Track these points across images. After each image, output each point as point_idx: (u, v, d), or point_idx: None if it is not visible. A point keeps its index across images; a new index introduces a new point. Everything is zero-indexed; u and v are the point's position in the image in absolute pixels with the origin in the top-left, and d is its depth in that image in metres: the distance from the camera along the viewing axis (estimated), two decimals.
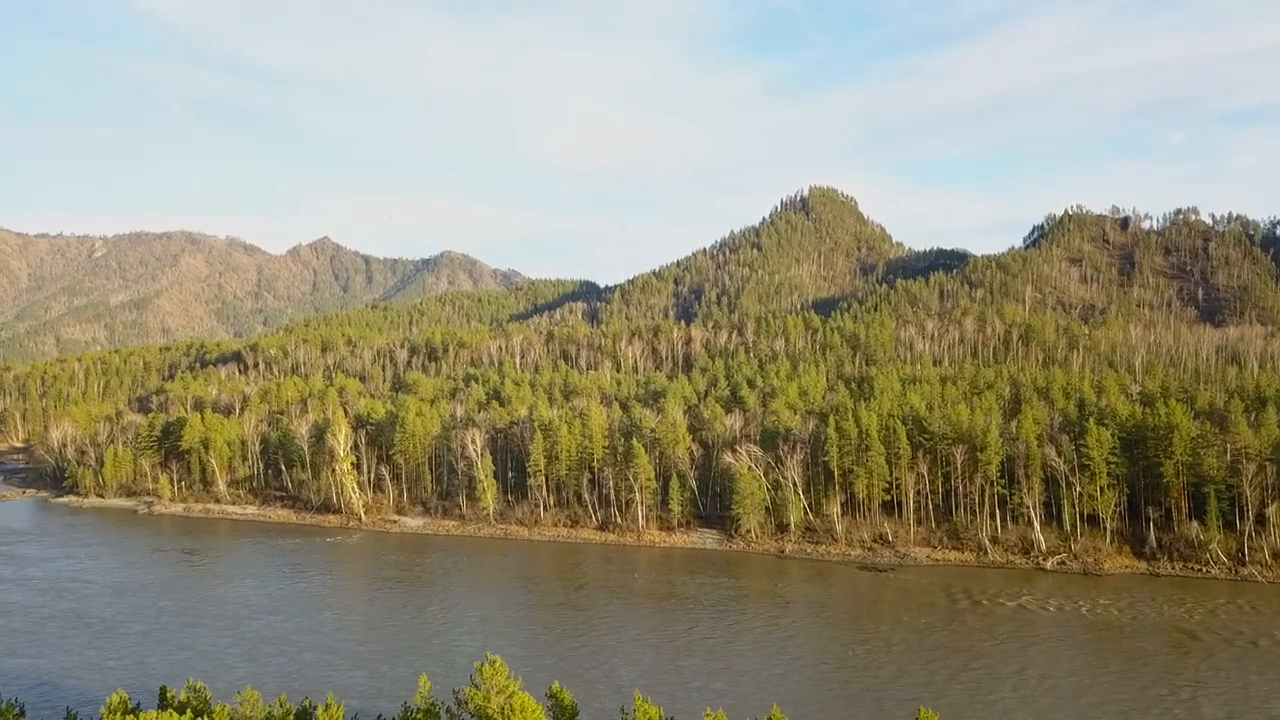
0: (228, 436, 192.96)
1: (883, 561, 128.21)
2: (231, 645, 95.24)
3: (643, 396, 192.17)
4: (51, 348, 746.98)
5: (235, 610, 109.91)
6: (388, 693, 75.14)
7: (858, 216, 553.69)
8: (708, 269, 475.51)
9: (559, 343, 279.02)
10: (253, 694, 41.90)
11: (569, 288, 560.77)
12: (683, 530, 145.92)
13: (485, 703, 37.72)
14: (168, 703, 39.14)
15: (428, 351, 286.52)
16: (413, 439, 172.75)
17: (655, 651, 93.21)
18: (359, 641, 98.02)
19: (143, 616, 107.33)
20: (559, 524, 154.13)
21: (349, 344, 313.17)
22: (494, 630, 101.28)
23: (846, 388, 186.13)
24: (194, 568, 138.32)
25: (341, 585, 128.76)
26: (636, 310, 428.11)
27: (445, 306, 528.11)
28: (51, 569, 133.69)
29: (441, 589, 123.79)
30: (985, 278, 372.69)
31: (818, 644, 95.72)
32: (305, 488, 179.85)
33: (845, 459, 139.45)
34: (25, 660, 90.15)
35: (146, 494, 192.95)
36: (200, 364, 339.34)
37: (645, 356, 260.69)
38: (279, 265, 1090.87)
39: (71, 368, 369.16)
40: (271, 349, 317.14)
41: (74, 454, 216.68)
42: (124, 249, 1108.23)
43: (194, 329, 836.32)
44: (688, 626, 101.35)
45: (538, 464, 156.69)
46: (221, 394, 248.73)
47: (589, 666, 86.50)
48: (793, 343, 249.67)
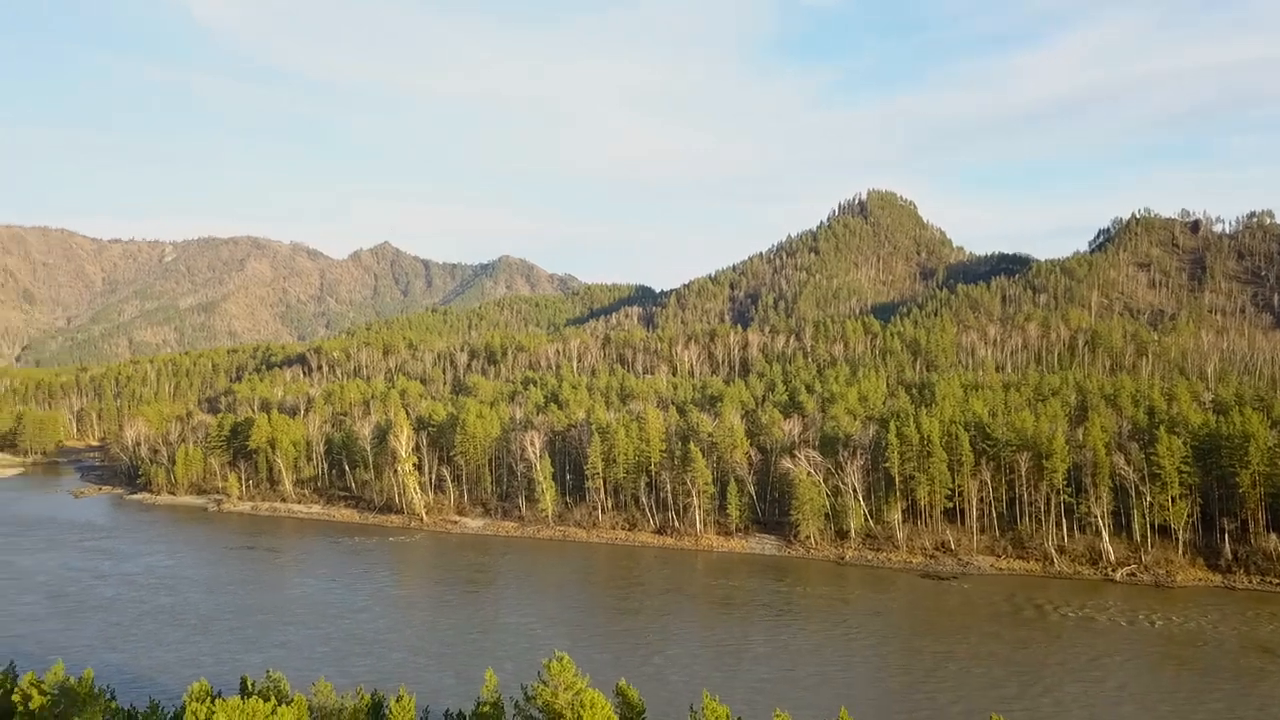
0: (293, 437, 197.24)
1: (945, 570, 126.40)
2: (320, 643, 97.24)
3: (699, 401, 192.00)
4: (124, 349, 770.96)
5: (319, 608, 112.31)
6: (456, 688, 76.28)
7: (917, 220, 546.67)
8: (764, 273, 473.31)
9: (615, 346, 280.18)
10: (326, 685, 42.94)
11: (625, 292, 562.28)
12: (740, 535, 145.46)
13: (553, 699, 38.20)
14: (248, 691, 40.30)
15: (487, 355, 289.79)
16: (473, 441, 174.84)
17: (714, 653, 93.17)
18: (427, 638, 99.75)
19: (233, 613, 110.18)
20: (617, 527, 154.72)
21: (410, 347, 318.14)
22: (556, 629, 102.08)
23: (907, 393, 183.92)
24: (274, 566, 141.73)
25: (409, 584, 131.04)
26: (692, 314, 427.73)
27: (503, 310, 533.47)
28: (144, 564, 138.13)
29: (503, 589, 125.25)
30: (1049, 282, 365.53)
31: (878, 651, 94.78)
32: (368, 488, 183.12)
33: (906, 465, 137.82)
34: (124, 654, 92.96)
35: (216, 492, 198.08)
36: (266, 366, 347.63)
37: (701, 361, 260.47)
38: (341, 270, 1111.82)
39: (144, 369, 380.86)
40: (335, 352, 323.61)
41: (147, 452, 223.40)
42: (193, 254, 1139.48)
43: (259, 332, 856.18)
44: (746, 630, 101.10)
45: (595, 467, 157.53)
46: (287, 395, 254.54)
47: (650, 666, 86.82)
48: (852, 347, 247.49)
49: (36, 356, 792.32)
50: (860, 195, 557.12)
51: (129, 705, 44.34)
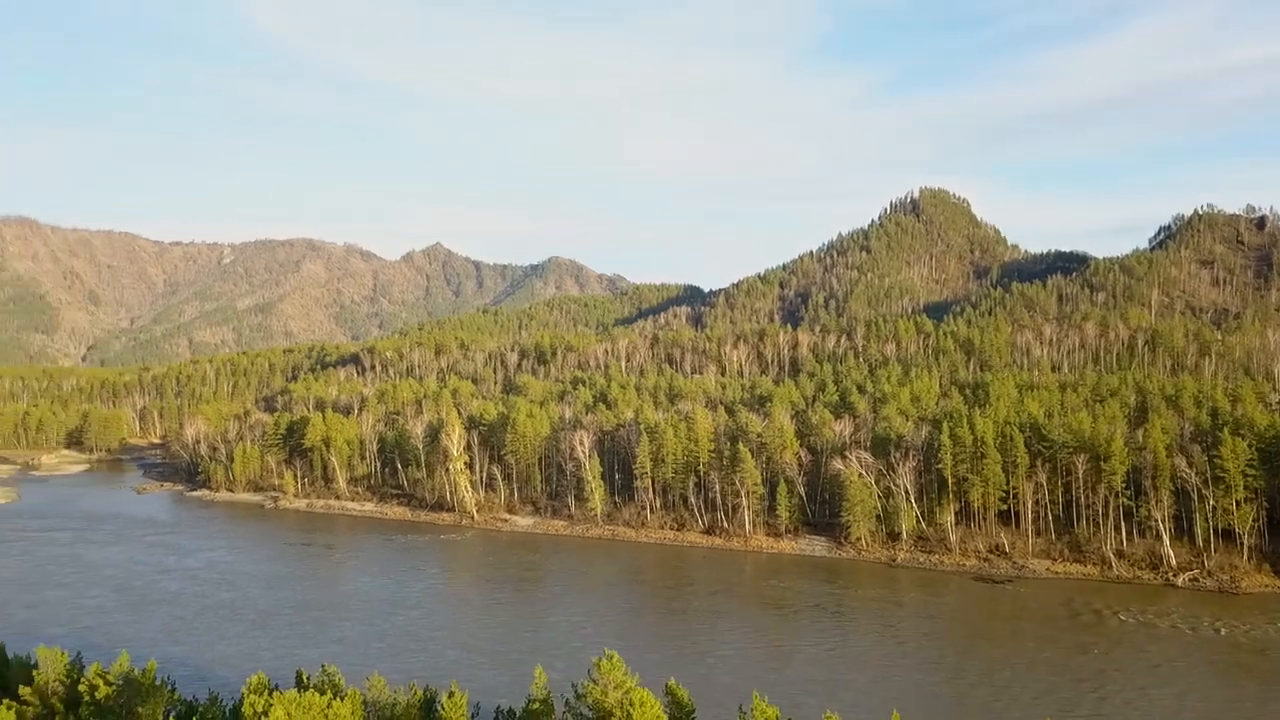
0: (347, 436, 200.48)
1: (999, 573, 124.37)
2: (375, 639, 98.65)
3: (748, 401, 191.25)
4: (185, 349, 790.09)
5: (374, 605, 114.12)
6: (507, 685, 76.93)
7: (970, 218, 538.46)
8: (814, 272, 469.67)
9: (664, 346, 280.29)
10: (379, 679, 43.60)
11: (673, 292, 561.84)
12: (790, 536, 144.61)
13: (603, 697, 38.39)
14: (303, 685, 41.07)
15: (537, 355, 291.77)
16: (523, 440, 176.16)
17: (764, 654, 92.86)
18: (479, 635, 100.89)
19: (291, 608, 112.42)
20: (665, 527, 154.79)
21: (461, 347, 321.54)
22: (605, 628, 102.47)
23: (960, 394, 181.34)
24: (330, 563, 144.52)
25: (461, 581, 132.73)
26: (741, 314, 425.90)
27: (553, 311, 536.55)
28: (205, 559, 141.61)
29: (553, 587, 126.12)
30: (1107, 281, 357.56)
31: (930, 654, 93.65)
32: (420, 486, 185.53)
33: (960, 467, 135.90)
34: (187, 647, 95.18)
35: (272, 489, 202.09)
36: (321, 366, 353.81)
37: (750, 361, 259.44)
38: (394, 271, 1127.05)
39: (203, 368, 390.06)
40: (388, 352, 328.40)
41: (206, 450, 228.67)
42: (250, 256, 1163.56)
43: (314, 332, 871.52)
44: (796, 632, 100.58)
45: (644, 466, 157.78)
46: (341, 395, 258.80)
47: (699, 666, 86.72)
48: (904, 347, 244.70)
49: (101, 356, 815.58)
50: (912, 193, 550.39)
51: (190, 697, 45.49)
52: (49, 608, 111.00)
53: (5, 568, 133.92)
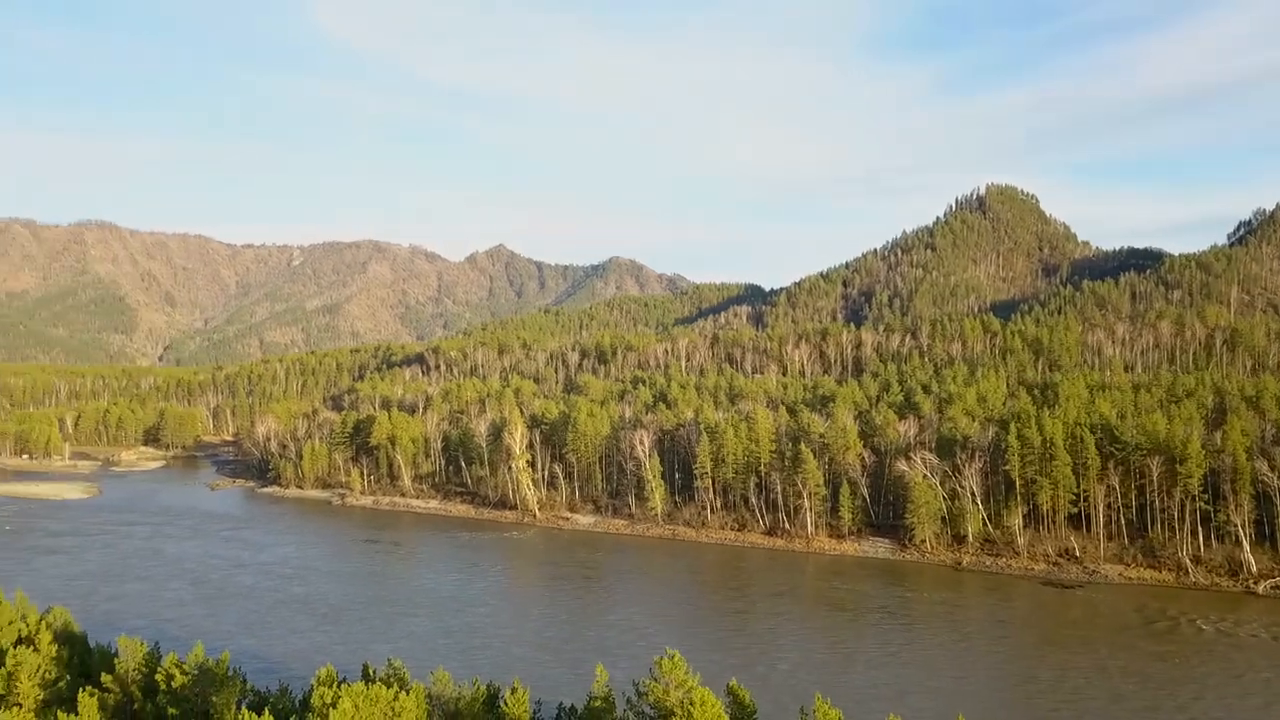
0: (412, 434, 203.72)
1: (1069, 578, 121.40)
2: (442, 635, 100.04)
3: (810, 401, 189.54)
4: (256, 349, 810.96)
5: (440, 601, 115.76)
6: (569, 682, 77.45)
7: (1039, 215, 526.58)
8: (878, 270, 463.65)
9: (724, 346, 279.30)
10: (444, 674, 44.23)
11: (734, 291, 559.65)
12: (853, 538, 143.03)
13: (664, 696, 38.44)
14: (370, 678, 41.85)
15: (597, 354, 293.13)
16: (584, 439, 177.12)
17: (826, 656, 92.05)
18: (541, 632, 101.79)
19: (361, 604, 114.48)
20: (726, 527, 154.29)
21: (524, 347, 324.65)
22: (666, 627, 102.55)
23: (1028, 394, 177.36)
24: (398, 559, 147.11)
25: (523, 579, 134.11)
26: (803, 313, 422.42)
27: (613, 311, 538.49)
28: (278, 554, 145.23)
29: (614, 586, 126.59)
30: (1183, 278, 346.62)
31: (997, 660, 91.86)
32: (483, 484, 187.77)
33: (1028, 469, 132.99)
34: (261, 640, 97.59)
35: (340, 486, 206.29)
36: (386, 365, 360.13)
37: (813, 360, 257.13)
38: (458, 272, 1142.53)
39: (274, 368, 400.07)
40: (452, 351, 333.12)
41: (276, 448, 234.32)
42: (318, 257, 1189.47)
43: (380, 332, 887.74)
44: (859, 634, 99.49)
45: (704, 467, 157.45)
46: (406, 394, 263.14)
47: (760, 667, 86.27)
48: (970, 346, 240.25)
49: (177, 356, 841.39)
50: (979, 189, 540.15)
51: (263, 688, 46.68)
52: (130, 599, 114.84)
53: (90, 560, 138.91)
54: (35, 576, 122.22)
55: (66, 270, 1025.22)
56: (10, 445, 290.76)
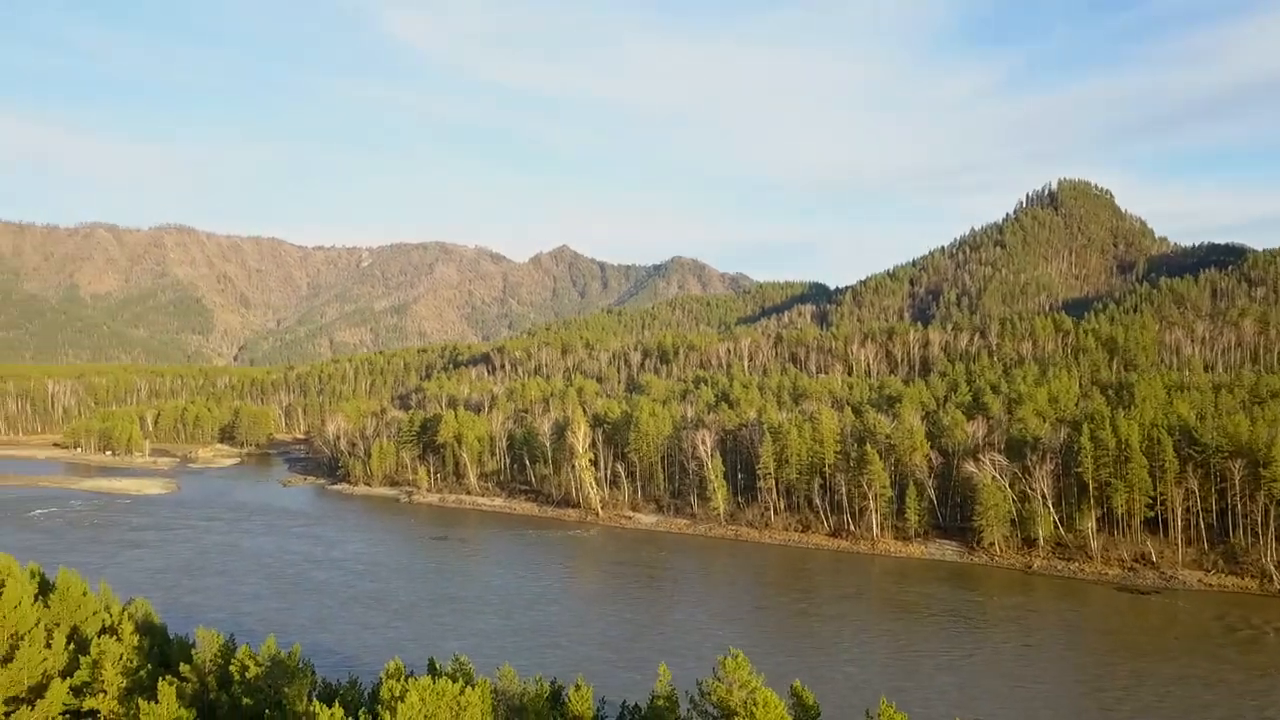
0: (478, 433, 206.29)
1: (1145, 583, 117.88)
2: (510, 633, 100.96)
3: (876, 401, 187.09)
4: (326, 349, 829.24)
5: (508, 599, 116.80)
6: (632, 680, 77.71)
7: (1113, 210, 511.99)
8: (946, 268, 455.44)
9: (787, 345, 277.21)
10: (510, 670, 44.71)
11: (797, 290, 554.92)
12: (919, 540, 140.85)
13: (727, 695, 38.35)
14: (436, 673, 42.50)
15: (659, 354, 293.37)
16: (646, 438, 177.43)
17: (892, 659, 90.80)
18: (605, 630, 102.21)
19: (431, 600, 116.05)
20: (789, 528, 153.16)
21: (586, 347, 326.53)
22: (729, 628, 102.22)
23: (1102, 394, 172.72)
24: (466, 557, 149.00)
25: (588, 577, 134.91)
26: (869, 312, 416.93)
27: (675, 310, 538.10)
28: (349, 551, 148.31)
29: (677, 585, 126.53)
30: (1268, 274, 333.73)
31: (1068, 666, 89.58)
32: (547, 482, 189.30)
33: (1101, 471, 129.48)
34: (334, 634, 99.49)
35: (407, 484, 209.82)
36: (453, 365, 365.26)
37: (878, 360, 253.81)
38: (522, 273, 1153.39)
39: (343, 367, 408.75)
40: (516, 351, 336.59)
41: (346, 446, 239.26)
42: (386, 259, 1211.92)
43: (446, 332, 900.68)
44: (926, 637, 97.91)
45: (767, 467, 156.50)
46: (472, 393, 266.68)
47: (824, 668, 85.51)
48: (1041, 346, 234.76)
49: (251, 356, 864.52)
50: (1050, 185, 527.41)
51: (334, 681, 47.73)
52: (210, 593, 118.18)
53: (174, 554, 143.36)
54: (120, 569, 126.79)
55: (147, 273, 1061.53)
56: (95, 442, 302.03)
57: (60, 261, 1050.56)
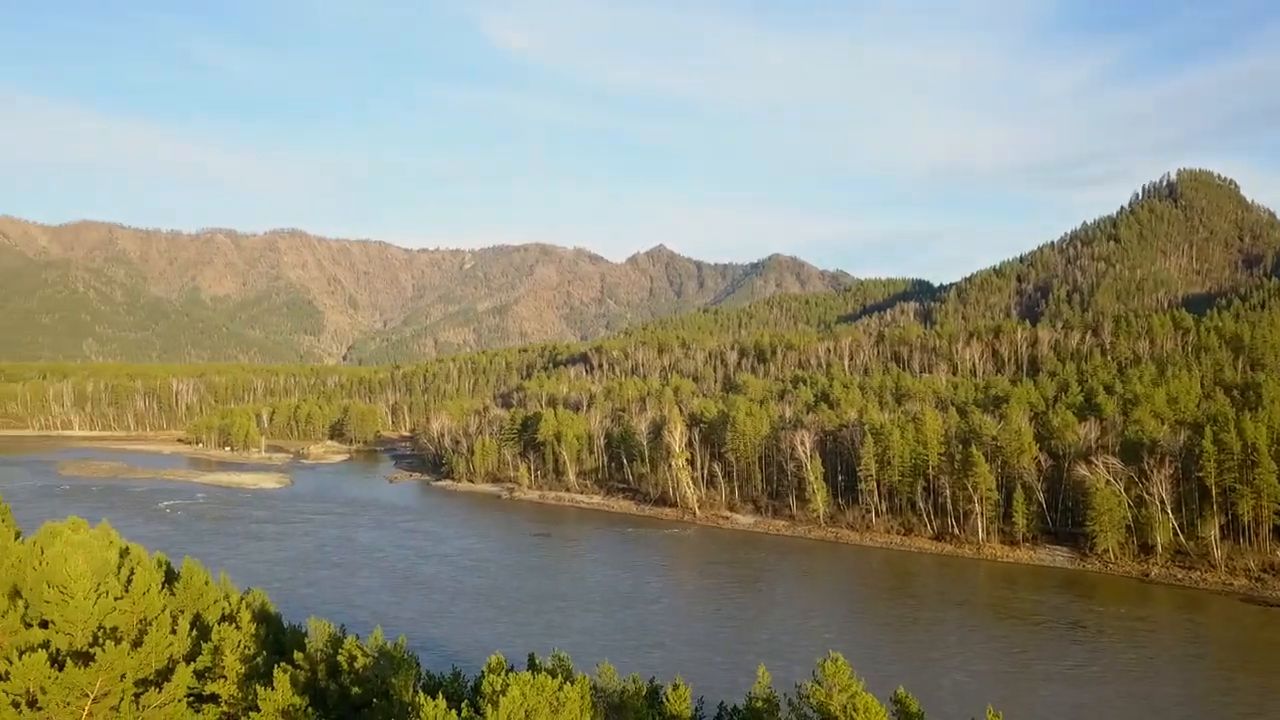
0: (576, 431, 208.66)
1: (1274, 595, 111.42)
2: (614, 631, 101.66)
3: (982, 401, 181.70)
4: (430, 349, 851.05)
5: (613, 597, 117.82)
6: (730, 681, 77.42)
7: (1239, 201, 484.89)
8: (1056, 264, 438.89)
9: (889, 344, 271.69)
10: (609, 667, 45.02)
11: (900, 287, 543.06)
12: (1028, 545, 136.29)
13: (827, 699, 37.80)
14: (536, 668, 43.12)
15: (756, 353, 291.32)
16: (743, 438, 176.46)
17: (998, 668, 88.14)
18: (704, 630, 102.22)
19: (537, 597, 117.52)
20: (891, 531, 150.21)
21: (683, 346, 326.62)
22: (829, 631, 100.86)
23: (1226, 395, 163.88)
24: (570, 554, 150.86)
25: (687, 577, 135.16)
26: (974, 310, 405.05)
27: (773, 309, 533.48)
28: (457, 546, 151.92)
29: (776, 587, 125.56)
30: None
31: (1190, 680, 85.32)
32: (644, 481, 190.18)
33: (1226, 476, 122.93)
34: (442, 629, 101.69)
35: (508, 481, 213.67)
36: (552, 364, 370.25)
37: (984, 359, 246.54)
38: (619, 273, 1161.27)
39: (447, 366, 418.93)
40: (614, 351, 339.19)
41: (449, 443, 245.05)
42: (488, 261, 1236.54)
43: (546, 332, 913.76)
44: (1033, 646, 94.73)
45: (868, 468, 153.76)
46: (571, 392, 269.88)
47: (926, 675, 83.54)
48: (1159, 344, 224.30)
49: (359, 355, 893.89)
50: (1169, 176, 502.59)
51: (437, 673, 48.94)
52: (324, 585, 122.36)
53: (291, 547, 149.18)
54: (241, 560, 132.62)
55: (262, 276, 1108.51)
56: (215, 438, 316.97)
57: (183, 266, 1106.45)
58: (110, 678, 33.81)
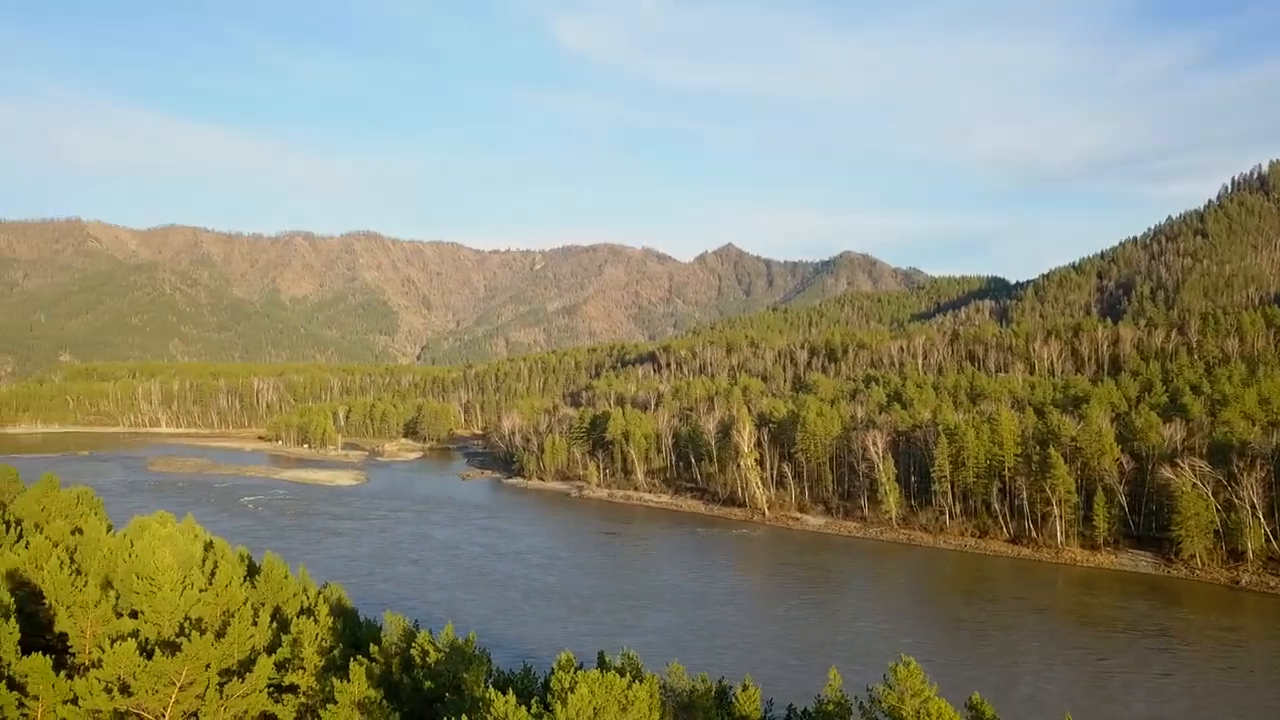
0: (644, 430, 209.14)
1: None
2: (686, 631, 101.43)
3: (1061, 402, 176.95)
4: (502, 349, 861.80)
5: (685, 597, 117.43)
6: (799, 683, 76.78)
7: None
8: (1138, 260, 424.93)
9: (964, 343, 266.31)
10: (678, 667, 45.03)
11: (975, 285, 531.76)
12: (1109, 550, 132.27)
13: (899, 704, 37.23)
14: (605, 666, 43.31)
15: (827, 352, 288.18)
16: (813, 438, 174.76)
17: (1077, 675, 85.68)
18: (775, 631, 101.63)
19: (609, 596, 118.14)
20: (965, 533, 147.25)
21: (751, 345, 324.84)
22: (901, 634, 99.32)
23: None
24: (642, 553, 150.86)
25: (758, 577, 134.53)
26: (1052, 307, 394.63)
27: (844, 307, 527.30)
28: (530, 544, 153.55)
29: (848, 589, 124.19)
30: None
31: None
32: (712, 480, 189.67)
33: None
34: (517, 626, 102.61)
35: (577, 479, 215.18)
36: (620, 364, 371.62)
37: (1063, 358, 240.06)
38: (687, 272, 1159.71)
39: (518, 366, 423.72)
40: (681, 350, 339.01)
41: (520, 441, 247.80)
42: (558, 261, 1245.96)
43: (614, 332, 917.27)
44: (1114, 654, 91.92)
45: (942, 469, 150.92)
46: (639, 391, 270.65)
47: (1001, 681, 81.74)
48: (1249, 343, 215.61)
49: (433, 355, 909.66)
50: (1260, 167, 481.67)
51: (507, 669, 49.54)
52: (401, 581, 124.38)
53: (370, 543, 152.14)
54: (322, 555, 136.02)
55: (339, 277, 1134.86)
56: (294, 435, 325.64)
57: (263, 268, 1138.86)
58: (196, 667, 35.01)
